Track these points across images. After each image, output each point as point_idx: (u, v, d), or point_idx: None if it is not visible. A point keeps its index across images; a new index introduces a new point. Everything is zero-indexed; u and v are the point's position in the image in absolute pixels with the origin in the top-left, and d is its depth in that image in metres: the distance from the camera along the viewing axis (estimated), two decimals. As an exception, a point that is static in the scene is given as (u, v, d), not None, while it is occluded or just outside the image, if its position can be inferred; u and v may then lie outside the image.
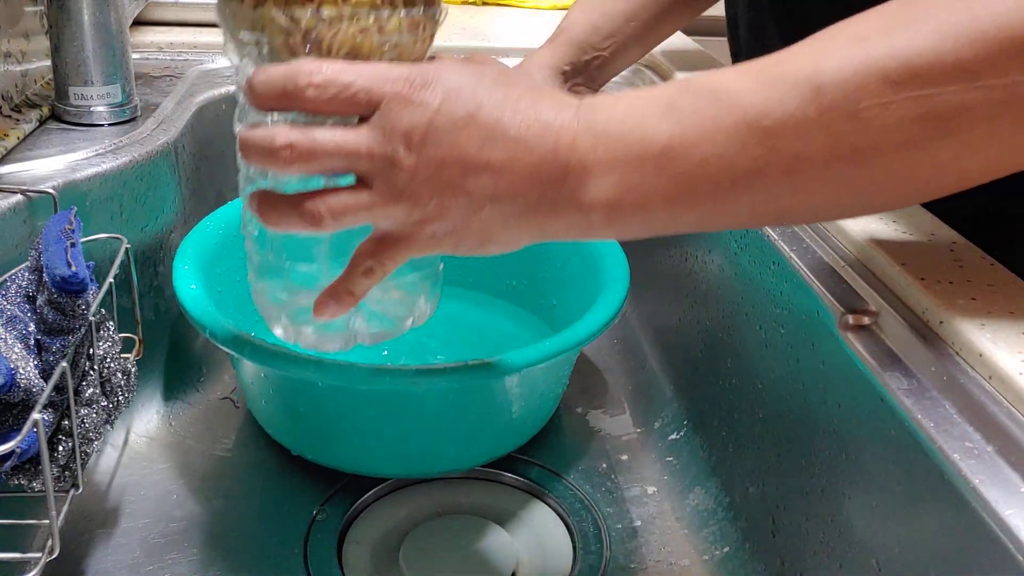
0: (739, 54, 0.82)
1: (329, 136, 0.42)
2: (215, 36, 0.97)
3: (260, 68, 0.43)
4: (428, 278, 0.53)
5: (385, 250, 0.44)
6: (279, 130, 0.42)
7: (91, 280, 0.51)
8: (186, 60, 0.93)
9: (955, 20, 0.37)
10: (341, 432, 0.67)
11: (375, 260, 0.45)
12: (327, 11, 0.43)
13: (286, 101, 0.42)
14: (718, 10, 0.86)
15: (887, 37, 0.38)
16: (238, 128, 0.48)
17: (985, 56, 0.36)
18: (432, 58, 0.47)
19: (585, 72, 0.79)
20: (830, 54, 0.39)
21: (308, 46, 0.44)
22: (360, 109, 0.42)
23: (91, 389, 0.54)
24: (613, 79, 0.83)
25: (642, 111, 0.41)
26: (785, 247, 0.60)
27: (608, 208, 0.41)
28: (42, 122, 0.74)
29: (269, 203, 0.44)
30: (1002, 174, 0.40)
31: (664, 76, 0.96)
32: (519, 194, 0.42)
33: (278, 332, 0.53)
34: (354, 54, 0.44)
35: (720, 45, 0.97)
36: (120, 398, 0.58)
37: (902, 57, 0.37)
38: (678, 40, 1.08)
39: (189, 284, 0.66)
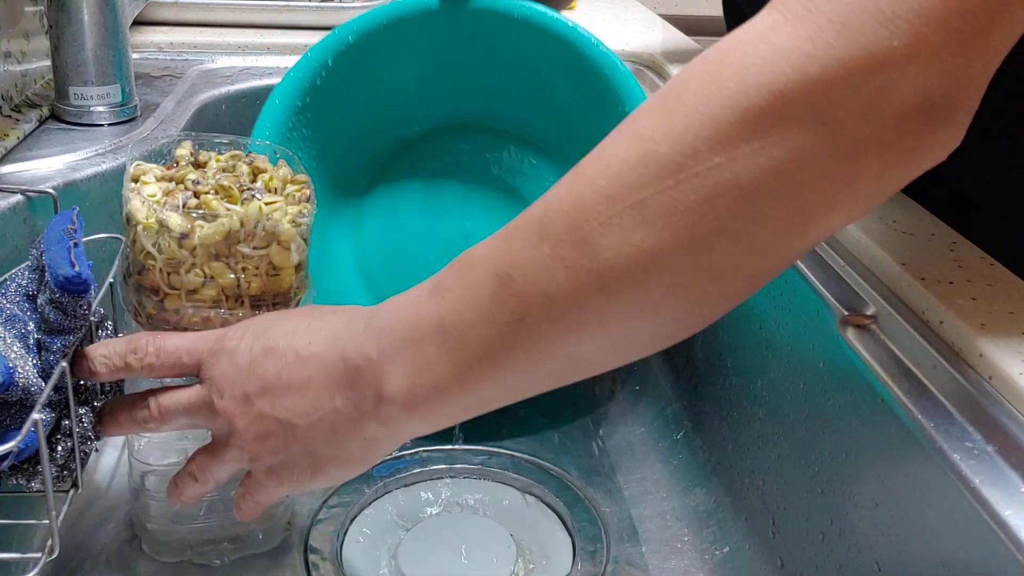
0: None
1: (171, 393, 0.49)
2: (215, 36, 0.97)
3: (101, 342, 0.50)
4: None
5: (247, 492, 0.50)
6: (139, 397, 0.50)
7: (92, 280, 0.51)
8: (186, 60, 0.93)
9: (652, 122, 0.38)
10: None
11: (250, 498, 0.50)
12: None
13: (130, 371, 0.49)
14: (718, 10, 0.87)
15: (601, 158, 0.39)
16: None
17: (682, 144, 0.36)
18: None
19: None
20: (556, 190, 0.40)
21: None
22: (188, 369, 0.48)
23: (90, 388, 0.54)
24: None
25: (415, 298, 0.44)
26: (785, 247, 0.60)
27: (406, 396, 0.43)
28: (42, 122, 0.74)
29: (185, 478, 0.51)
30: (764, 270, 0.39)
31: (664, 76, 0.96)
32: (322, 406, 0.45)
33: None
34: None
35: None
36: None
37: (612, 171, 0.38)
38: (678, 40, 1.08)
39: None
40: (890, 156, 0.36)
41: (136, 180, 0.54)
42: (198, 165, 0.56)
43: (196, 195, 0.52)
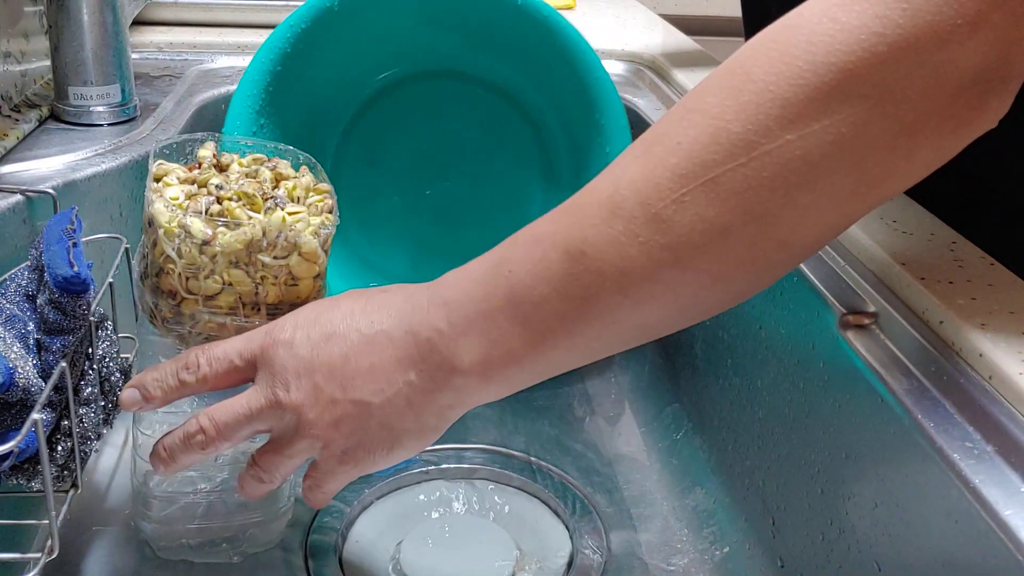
0: None
1: (226, 407, 0.47)
2: (215, 36, 0.97)
3: (149, 367, 0.49)
4: None
5: (315, 483, 0.49)
6: (188, 423, 0.48)
7: (91, 280, 0.51)
8: (185, 60, 0.93)
9: (721, 100, 0.39)
10: None
11: (319, 489, 0.50)
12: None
13: (186, 389, 0.48)
14: (718, 10, 0.87)
15: (670, 135, 0.40)
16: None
17: (753, 123, 0.37)
18: None
19: None
20: (625, 167, 0.41)
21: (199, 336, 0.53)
22: (242, 373, 0.47)
23: (89, 388, 0.54)
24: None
25: (479, 272, 0.44)
26: (785, 247, 0.60)
27: (482, 366, 0.44)
28: (41, 122, 0.74)
29: (250, 482, 0.50)
30: (827, 236, 0.41)
31: (664, 76, 0.96)
32: (396, 381, 0.45)
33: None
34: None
35: (720, 45, 0.97)
36: (119, 398, 0.58)
37: (684, 149, 0.39)
38: (678, 40, 1.08)
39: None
40: (948, 126, 0.38)
41: (158, 180, 0.54)
42: (220, 168, 0.56)
43: (219, 201, 0.52)
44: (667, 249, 0.39)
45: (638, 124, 0.89)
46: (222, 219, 0.50)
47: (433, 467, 0.70)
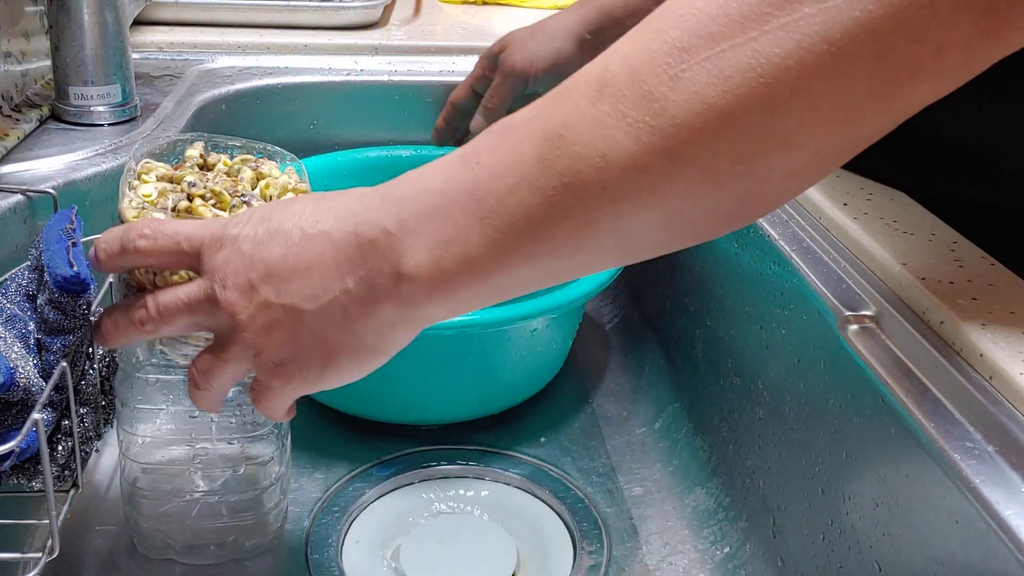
0: None
1: (171, 291, 0.45)
2: (215, 36, 0.97)
3: (106, 231, 0.47)
4: None
5: (256, 398, 0.46)
6: (132, 301, 0.46)
7: (91, 280, 0.51)
8: (186, 60, 0.93)
9: None
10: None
11: (261, 405, 0.46)
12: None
13: (126, 256, 0.45)
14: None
15: (672, 9, 0.35)
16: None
17: None
18: None
19: (605, 44, 0.78)
20: (619, 45, 0.36)
21: None
22: (187, 258, 0.44)
23: (90, 388, 0.54)
24: None
25: (442, 165, 0.40)
26: (786, 247, 0.60)
27: (430, 272, 0.39)
28: (42, 122, 0.74)
29: (189, 387, 0.47)
30: (838, 143, 0.35)
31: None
32: (332, 288, 0.40)
33: None
34: None
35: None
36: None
37: (687, 22, 0.34)
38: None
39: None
40: (984, 23, 0.33)
41: (138, 177, 0.55)
42: (207, 167, 0.57)
43: (190, 198, 0.52)
44: (658, 133, 0.34)
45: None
46: (188, 216, 0.51)
47: (433, 467, 0.70)
